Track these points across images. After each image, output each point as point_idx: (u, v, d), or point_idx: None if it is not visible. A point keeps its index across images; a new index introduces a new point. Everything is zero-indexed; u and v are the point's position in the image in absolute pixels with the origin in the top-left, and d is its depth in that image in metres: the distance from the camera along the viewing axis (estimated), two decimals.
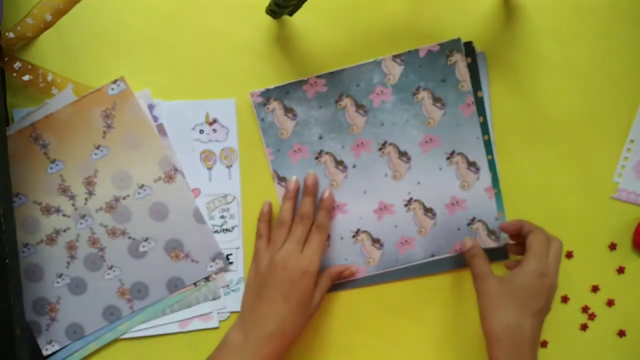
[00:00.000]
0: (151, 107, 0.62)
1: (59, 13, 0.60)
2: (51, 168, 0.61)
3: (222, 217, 0.63)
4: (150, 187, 0.62)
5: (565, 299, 0.67)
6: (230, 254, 0.64)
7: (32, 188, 0.61)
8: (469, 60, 0.63)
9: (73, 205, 0.62)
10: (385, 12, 0.63)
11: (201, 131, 0.63)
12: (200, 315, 0.63)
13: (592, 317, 0.67)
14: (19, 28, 0.59)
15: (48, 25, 0.60)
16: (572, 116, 0.66)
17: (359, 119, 0.63)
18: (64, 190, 0.62)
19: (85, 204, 0.62)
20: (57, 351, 0.62)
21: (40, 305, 0.62)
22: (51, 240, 0.62)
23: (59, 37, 0.61)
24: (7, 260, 0.54)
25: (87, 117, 0.61)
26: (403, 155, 0.63)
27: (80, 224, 0.62)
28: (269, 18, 0.62)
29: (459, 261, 0.65)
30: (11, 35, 0.59)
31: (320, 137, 0.63)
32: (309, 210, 0.61)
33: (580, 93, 0.66)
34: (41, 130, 0.61)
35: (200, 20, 0.62)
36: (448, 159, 0.63)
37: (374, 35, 0.63)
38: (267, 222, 0.63)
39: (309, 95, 0.62)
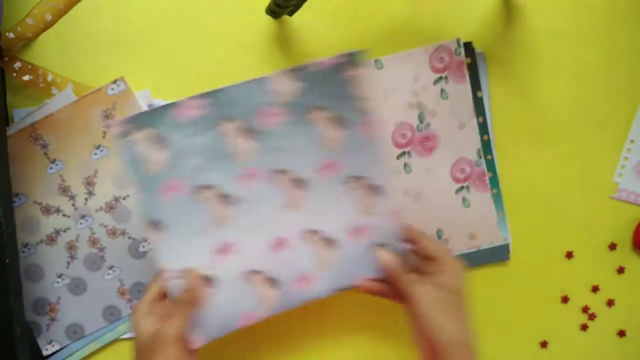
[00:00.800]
0: (151, 107, 0.62)
1: (59, 13, 0.60)
2: (51, 168, 0.61)
3: None
4: None
5: (565, 299, 0.67)
6: None
7: (32, 188, 0.61)
8: (469, 60, 0.63)
9: (73, 205, 0.62)
10: (385, 12, 0.63)
11: None
12: None
13: (592, 317, 0.67)
14: (19, 28, 0.59)
15: (48, 26, 0.60)
16: (572, 116, 0.66)
17: (246, 145, 0.53)
18: (64, 190, 0.62)
19: (85, 204, 0.62)
20: (57, 351, 0.62)
21: (40, 305, 0.62)
22: (51, 240, 0.62)
23: (59, 37, 0.61)
24: (7, 260, 0.54)
25: (87, 117, 0.61)
26: (298, 182, 0.55)
27: (80, 224, 0.62)
28: (269, 18, 0.62)
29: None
30: (11, 35, 0.59)
31: (200, 169, 0.53)
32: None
33: (580, 93, 0.66)
34: (41, 130, 0.61)
35: (200, 20, 0.62)
36: (349, 183, 0.55)
37: (374, 35, 0.63)
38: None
39: (184, 120, 0.52)
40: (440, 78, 0.63)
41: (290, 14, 0.60)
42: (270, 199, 0.55)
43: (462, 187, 0.64)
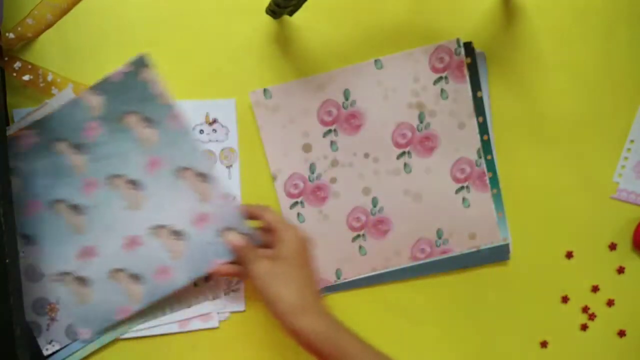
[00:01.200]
0: None
1: (59, 13, 0.60)
2: None
3: None
4: None
5: (565, 299, 0.67)
6: None
7: None
8: (469, 60, 0.63)
9: None
10: (386, 12, 0.63)
11: (201, 131, 0.63)
12: (200, 315, 0.63)
13: (592, 317, 0.67)
14: (19, 28, 0.59)
15: (48, 26, 0.60)
16: (572, 116, 0.66)
17: (80, 159, 0.60)
18: None
19: None
20: (57, 351, 0.62)
21: (40, 305, 0.62)
22: None
23: (59, 37, 0.61)
24: (7, 260, 0.54)
25: None
26: (133, 183, 0.60)
27: None
28: (269, 18, 0.62)
29: (458, 262, 0.65)
30: (11, 35, 0.59)
31: (49, 187, 0.60)
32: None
33: (580, 93, 0.66)
34: None
35: (200, 20, 0.62)
36: (177, 176, 0.60)
37: (374, 35, 0.63)
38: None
39: (24, 148, 0.59)
40: (441, 78, 0.63)
41: (290, 14, 0.60)
42: (113, 203, 0.61)
43: (462, 187, 0.64)
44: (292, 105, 0.62)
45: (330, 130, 0.63)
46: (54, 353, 0.62)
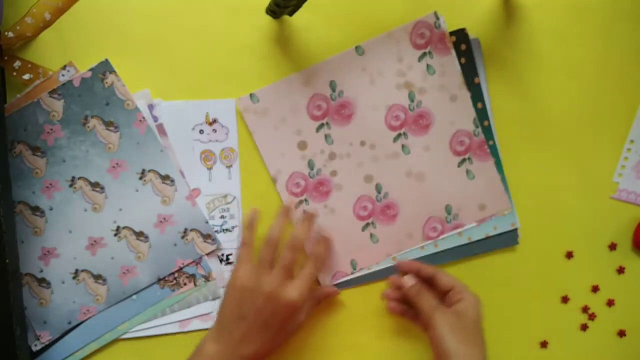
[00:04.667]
0: (151, 107, 0.62)
1: (58, 12, 0.60)
2: None
3: (222, 217, 0.63)
4: None
5: (565, 299, 0.67)
6: (230, 254, 0.64)
7: None
8: (464, 47, 0.63)
9: None
10: (385, 12, 0.63)
11: (201, 131, 0.63)
12: (200, 315, 0.63)
13: (592, 317, 0.67)
14: (18, 27, 0.59)
15: (47, 25, 0.60)
16: (572, 116, 0.66)
17: (39, 161, 0.61)
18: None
19: None
20: (53, 344, 0.62)
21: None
22: None
23: (58, 36, 0.61)
24: (7, 260, 0.54)
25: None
26: (95, 186, 0.61)
27: None
28: (269, 18, 0.62)
29: (458, 253, 0.65)
30: (11, 34, 0.59)
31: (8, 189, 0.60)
32: (303, 238, 0.60)
33: (580, 93, 0.66)
34: None
35: (200, 20, 0.62)
36: (141, 178, 0.62)
37: (374, 35, 0.63)
38: (253, 230, 0.60)
39: None
40: (424, 54, 0.63)
41: (290, 14, 0.60)
42: (75, 205, 0.61)
43: (464, 160, 0.64)
44: (280, 106, 0.62)
45: (322, 124, 0.63)
46: (42, 349, 0.61)
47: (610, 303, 0.67)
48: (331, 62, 0.62)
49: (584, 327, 0.67)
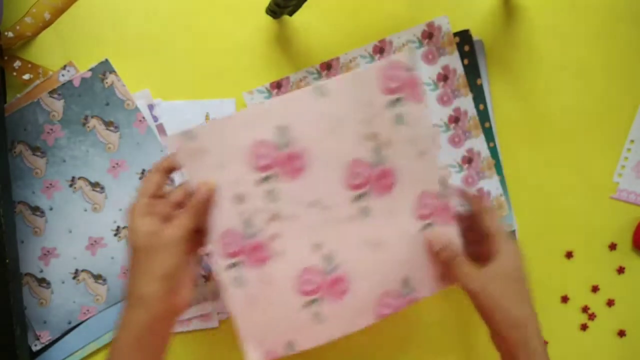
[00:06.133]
0: (151, 107, 0.62)
1: (58, 12, 0.60)
2: None
3: None
4: None
5: (565, 299, 0.67)
6: None
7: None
8: (467, 48, 0.63)
9: None
10: (386, 12, 0.63)
11: None
12: (200, 315, 0.63)
13: (592, 317, 0.67)
14: (18, 27, 0.59)
15: (47, 24, 0.60)
16: (572, 116, 0.66)
17: (39, 161, 0.60)
18: None
19: None
20: (53, 344, 0.62)
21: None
22: None
23: (58, 36, 0.61)
24: (7, 260, 0.54)
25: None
26: (95, 186, 0.61)
27: None
28: (269, 18, 0.62)
29: None
30: (10, 34, 0.59)
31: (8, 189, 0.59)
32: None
33: (581, 93, 0.66)
34: None
35: (200, 20, 0.62)
36: (141, 178, 0.62)
37: (374, 35, 0.63)
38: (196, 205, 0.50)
39: None
40: (395, 100, 0.52)
41: (290, 14, 0.60)
42: (76, 205, 0.61)
43: (427, 225, 0.54)
44: (219, 148, 0.50)
45: (266, 177, 0.51)
46: (43, 349, 0.62)
47: (610, 303, 0.67)
48: (284, 102, 0.51)
49: (584, 327, 0.67)
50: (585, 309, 0.67)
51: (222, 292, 0.52)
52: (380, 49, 0.63)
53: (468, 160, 0.65)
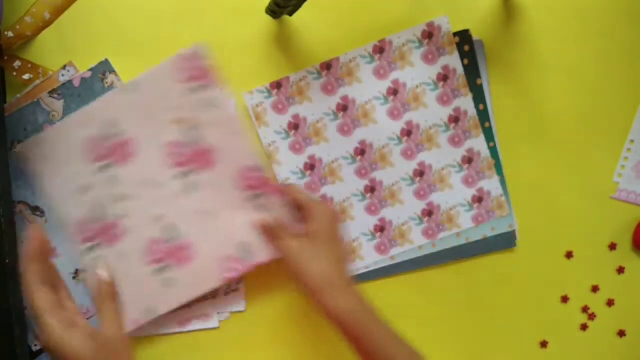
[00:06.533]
0: None
1: (58, 11, 0.60)
2: None
3: None
4: None
5: (565, 299, 0.67)
6: None
7: None
8: (467, 48, 0.63)
9: None
10: (386, 12, 0.63)
11: None
12: (200, 315, 0.63)
13: (592, 317, 0.67)
14: (18, 27, 0.59)
15: (47, 24, 0.60)
16: (572, 116, 0.66)
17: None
18: None
19: None
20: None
21: None
22: None
23: (58, 36, 0.61)
24: (7, 260, 0.54)
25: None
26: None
27: None
28: (269, 18, 0.62)
29: (456, 253, 0.65)
30: (10, 34, 0.59)
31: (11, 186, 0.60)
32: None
33: (581, 93, 0.66)
34: None
35: (200, 20, 0.62)
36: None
37: (374, 35, 0.63)
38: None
39: None
40: (196, 87, 0.59)
41: (290, 14, 0.60)
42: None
43: (256, 195, 0.60)
44: (62, 148, 0.59)
45: (103, 166, 0.59)
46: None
47: (610, 303, 0.67)
48: (107, 100, 0.59)
49: (584, 327, 0.67)
50: (585, 309, 0.67)
51: (88, 276, 0.59)
52: (380, 49, 0.63)
53: (468, 160, 0.65)
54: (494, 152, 0.65)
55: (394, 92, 0.64)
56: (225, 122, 0.60)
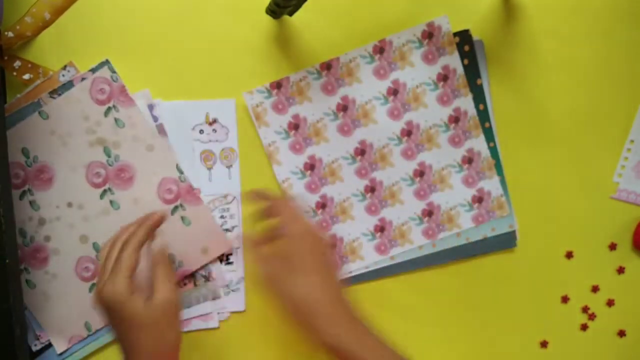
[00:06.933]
0: (151, 107, 0.62)
1: (58, 11, 0.60)
2: None
3: (222, 217, 0.63)
4: None
5: (565, 299, 0.67)
6: (230, 254, 0.64)
7: None
8: (467, 48, 0.63)
9: None
10: (386, 12, 0.63)
11: (201, 131, 0.63)
12: (200, 315, 0.63)
13: (592, 317, 0.67)
14: (18, 27, 0.59)
15: (47, 24, 0.60)
16: (572, 116, 0.66)
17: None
18: None
19: None
20: (45, 349, 0.62)
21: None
22: None
23: (58, 36, 0.61)
24: (7, 260, 0.54)
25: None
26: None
27: None
28: (269, 18, 0.62)
29: (456, 253, 0.65)
30: (10, 34, 0.59)
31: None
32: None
33: (580, 93, 0.66)
34: None
35: (200, 20, 0.62)
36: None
37: (374, 35, 0.63)
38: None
39: None
40: (109, 108, 0.61)
41: (290, 14, 0.60)
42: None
43: (176, 207, 0.62)
44: None
45: (25, 192, 0.61)
46: (42, 349, 0.62)
47: (610, 303, 0.67)
48: (19, 129, 0.60)
49: (584, 327, 0.67)
50: (585, 309, 0.67)
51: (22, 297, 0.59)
52: (380, 49, 0.63)
53: (468, 160, 0.65)
54: (494, 152, 0.65)
55: (394, 92, 0.64)
56: (141, 138, 0.61)
